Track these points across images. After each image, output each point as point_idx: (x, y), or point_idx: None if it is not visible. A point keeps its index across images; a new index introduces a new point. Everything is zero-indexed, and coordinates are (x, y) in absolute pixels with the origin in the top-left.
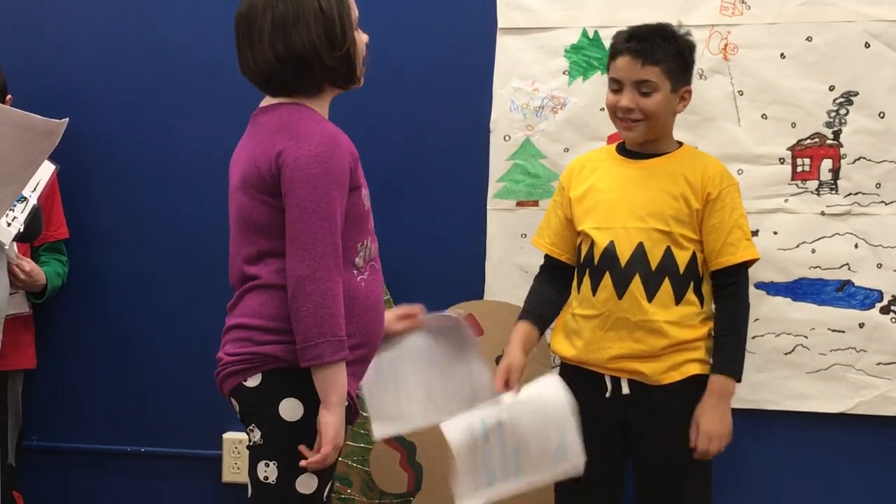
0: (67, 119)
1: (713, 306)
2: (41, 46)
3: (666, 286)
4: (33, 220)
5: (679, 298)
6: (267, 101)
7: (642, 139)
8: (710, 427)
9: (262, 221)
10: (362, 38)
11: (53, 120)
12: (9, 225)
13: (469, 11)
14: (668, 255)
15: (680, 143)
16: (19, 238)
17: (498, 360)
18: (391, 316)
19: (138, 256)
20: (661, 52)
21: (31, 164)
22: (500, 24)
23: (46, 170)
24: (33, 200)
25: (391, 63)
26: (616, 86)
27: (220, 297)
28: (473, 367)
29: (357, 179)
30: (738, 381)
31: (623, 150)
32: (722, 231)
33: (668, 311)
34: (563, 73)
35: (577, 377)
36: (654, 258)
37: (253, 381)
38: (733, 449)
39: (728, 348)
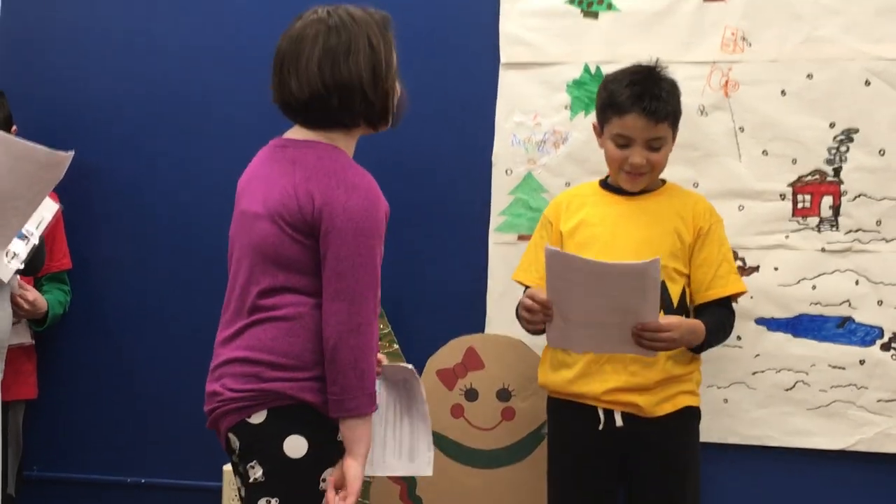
0: (73, 152)
1: None
2: (45, 78)
3: None
4: (35, 257)
5: None
6: (297, 133)
7: (645, 186)
8: (671, 326)
9: (288, 256)
10: (399, 86)
11: (58, 152)
12: (9, 262)
13: (472, 46)
14: (664, 289)
15: (663, 181)
16: (19, 273)
17: (499, 393)
18: None
19: (140, 287)
20: (671, 107)
21: (35, 197)
22: (502, 59)
23: (50, 208)
24: (35, 239)
25: None
26: (624, 141)
27: (210, 329)
28: (417, 426)
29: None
30: (698, 350)
31: (608, 187)
32: (712, 264)
33: None
34: (565, 107)
35: (569, 410)
36: None
37: (258, 418)
38: (734, 484)
39: (717, 324)
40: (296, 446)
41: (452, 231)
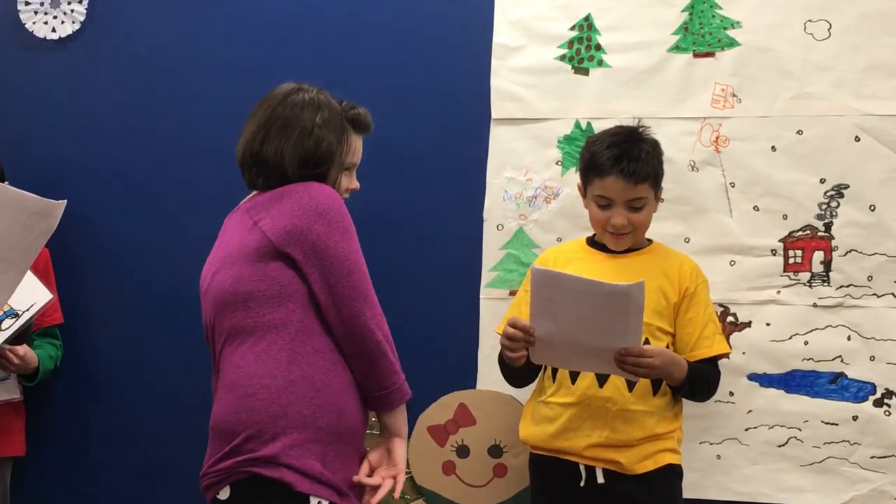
0: (66, 201)
1: (682, 399)
2: (36, 130)
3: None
4: (22, 334)
5: (656, 389)
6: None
7: (629, 245)
8: (653, 354)
9: (249, 291)
10: (351, 183)
11: (50, 200)
12: None
13: (463, 102)
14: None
15: (649, 240)
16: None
17: (490, 449)
18: None
19: (132, 342)
20: (651, 168)
21: (29, 249)
22: (493, 115)
23: (44, 295)
24: (23, 319)
25: (387, 151)
26: (605, 202)
27: (202, 387)
28: None
29: None
30: (680, 390)
31: (595, 244)
32: (697, 325)
33: (646, 401)
34: (556, 163)
35: (550, 466)
36: None
37: (223, 494)
38: None
39: (700, 371)
40: None
41: (443, 286)
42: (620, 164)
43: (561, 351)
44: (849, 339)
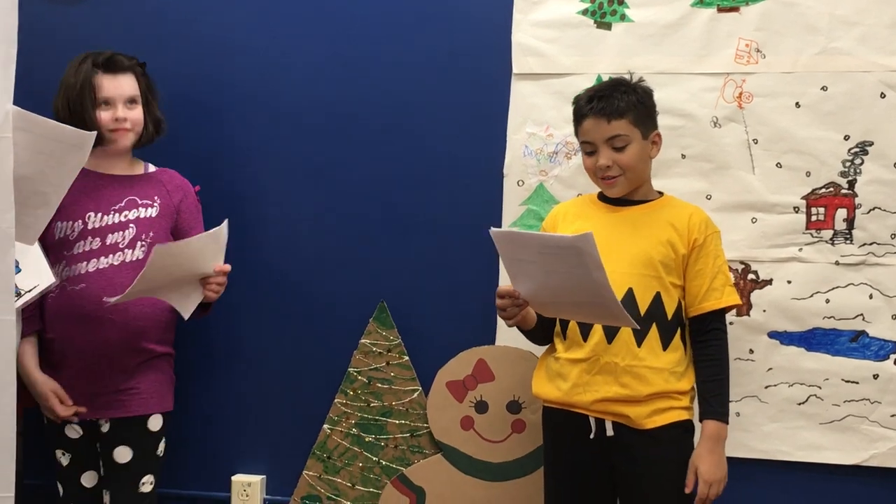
0: (95, 133)
1: (694, 352)
2: (55, 82)
3: (654, 332)
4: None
5: (666, 344)
6: None
7: (625, 192)
8: (709, 473)
9: None
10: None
11: (82, 131)
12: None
13: (484, 57)
14: (657, 300)
15: (660, 193)
16: None
17: (509, 405)
18: None
19: None
20: (624, 104)
21: (61, 183)
22: (514, 70)
23: (48, 278)
24: (23, 300)
25: (406, 107)
26: (590, 148)
27: (220, 339)
28: None
29: None
30: (727, 423)
31: (605, 198)
32: (706, 276)
33: (656, 357)
34: None
35: (561, 419)
36: (644, 304)
37: None
38: (745, 500)
39: (717, 392)
40: None
41: (463, 242)
42: (591, 104)
43: (555, 305)
44: (870, 297)
